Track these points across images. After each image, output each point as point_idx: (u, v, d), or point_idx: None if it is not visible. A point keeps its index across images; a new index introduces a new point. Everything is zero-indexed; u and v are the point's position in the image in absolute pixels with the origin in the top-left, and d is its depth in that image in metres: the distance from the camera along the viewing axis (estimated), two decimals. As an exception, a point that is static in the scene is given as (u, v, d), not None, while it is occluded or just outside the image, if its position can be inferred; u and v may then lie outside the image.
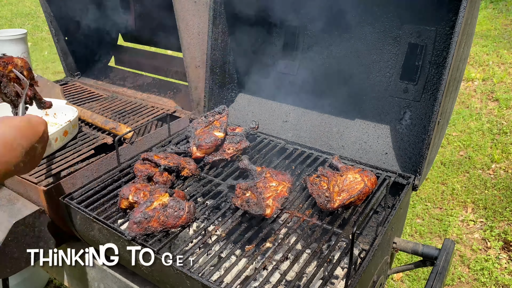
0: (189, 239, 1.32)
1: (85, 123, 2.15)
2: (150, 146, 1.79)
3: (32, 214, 1.56)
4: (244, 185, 1.42)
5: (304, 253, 1.38)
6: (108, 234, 1.34)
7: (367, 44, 1.75)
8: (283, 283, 1.34)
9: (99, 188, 1.53)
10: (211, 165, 1.68)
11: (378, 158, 1.70)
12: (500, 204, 3.20)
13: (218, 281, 1.11)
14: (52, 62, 6.36)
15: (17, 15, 8.42)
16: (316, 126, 1.90)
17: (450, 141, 3.99)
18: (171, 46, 2.67)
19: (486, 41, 5.72)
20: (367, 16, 1.71)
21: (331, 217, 1.38)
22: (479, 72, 5.02)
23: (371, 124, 1.78)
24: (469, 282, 2.64)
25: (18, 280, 2.41)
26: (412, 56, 1.65)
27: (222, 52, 1.98)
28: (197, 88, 2.08)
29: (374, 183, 1.43)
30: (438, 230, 3.04)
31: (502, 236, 2.92)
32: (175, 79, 2.61)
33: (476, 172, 3.57)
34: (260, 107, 2.09)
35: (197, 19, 1.96)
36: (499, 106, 4.39)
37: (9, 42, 2.22)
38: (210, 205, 1.47)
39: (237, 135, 1.76)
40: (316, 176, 1.49)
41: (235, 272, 1.21)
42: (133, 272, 1.48)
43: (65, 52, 2.69)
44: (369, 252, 1.20)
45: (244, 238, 1.28)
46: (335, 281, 1.38)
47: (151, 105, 2.38)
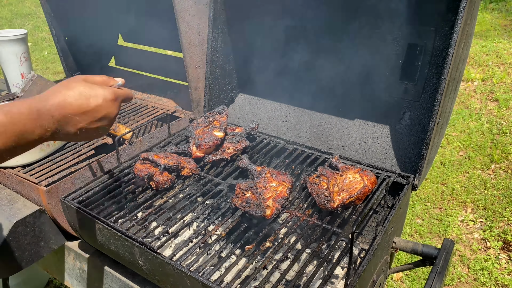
0: (189, 239, 1.32)
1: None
2: (150, 146, 1.79)
3: (33, 214, 1.57)
4: (244, 185, 1.42)
5: (304, 252, 1.38)
6: (108, 234, 1.34)
7: (366, 44, 1.75)
8: (283, 282, 1.34)
9: (99, 188, 1.53)
10: (211, 165, 1.69)
11: (378, 158, 1.70)
12: (499, 204, 3.20)
13: (218, 281, 1.11)
14: (52, 62, 6.37)
15: (17, 16, 8.42)
16: (316, 126, 1.90)
17: (449, 141, 3.99)
18: (171, 46, 2.68)
19: (485, 41, 5.72)
20: (367, 16, 1.71)
21: (330, 216, 1.38)
22: (478, 72, 5.03)
23: (371, 124, 1.79)
24: (469, 282, 2.65)
25: (18, 280, 2.41)
26: (412, 56, 1.65)
27: (222, 52, 1.98)
28: (197, 88, 2.08)
29: (373, 183, 1.43)
30: (438, 230, 3.04)
31: (502, 236, 2.92)
32: (175, 79, 2.61)
33: (475, 172, 3.57)
34: (260, 107, 2.09)
35: (197, 19, 1.96)
36: (498, 106, 4.40)
37: (9, 42, 2.22)
38: (210, 205, 1.47)
39: (237, 135, 1.76)
40: (316, 176, 1.49)
41: (235, 272, 1.21)
42: (133, 272, 1.48)
43: (65, 52, 2.69)
44: (369, 252, 1.20)
45: (244, 237, 1.28)
46: (335, 280, 1.39)
47: (151, 105, 2.38)
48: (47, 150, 1.79)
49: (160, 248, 1.23)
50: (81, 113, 0.92)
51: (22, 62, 2.31)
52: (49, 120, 0.88)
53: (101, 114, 0.95)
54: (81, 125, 0.93)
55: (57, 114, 0.89)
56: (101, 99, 0.94)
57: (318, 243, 1.28)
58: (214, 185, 1.56)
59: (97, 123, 0.96)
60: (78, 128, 0.93)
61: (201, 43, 2.01)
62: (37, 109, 0.86)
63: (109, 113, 0.97)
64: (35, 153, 1.73)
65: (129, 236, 1.27)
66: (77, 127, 0.93)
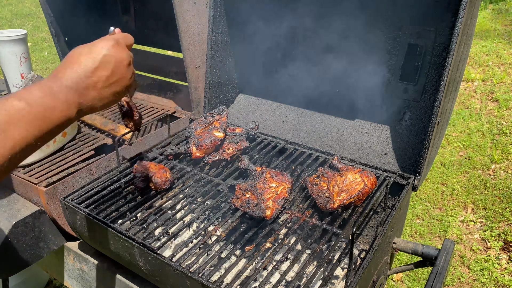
0: (189, 239, 1.32)
1: (85, 124, 2.15)
2: (150, 147, 1.79)
3: (32, 215, 1.56)
4: (244, 186, 1.42)
5: (304, 253, 1.38)
6: (108, 234, 1.34)
7: (367, 44, 1.75)
8: (283, 283, 1.34)
9: (99, 188, 1.53)
10: (211, 165, 1.68)
11: (378, 158, 1.70)
12: (500, 205, 3.20)
13: (218, 282, 1.11)
14: (52, 62, 6.36)
15: (17, 16, 8.42)
16: (316, 127, 1.90)
17: (450, 142, 3.99)
18: (171, 46, 2.68)
19: (485, 42, 5.72)
20: (367, 16, 1.71)
21: (331, 217, 1.38)
22: (478, 73, 5.03)
23: (371, 125, 1.79)
24: (469, 283, 2.64)
25: (18, 280, 2.40)
26: (412, 56, 1.65)
27: (222, 53, 1.98)
28: (197, 88, 2.08)
29: (374, 184, 1.43)
30: (438, 231, 3.04)
31: (502, 237, 2.92)
32: (175, 80, 2.61)
33: (476, 173, 3.57)
34: (260, 107, 2.09)
35: (197, 19, 1.96)
36: (498, 107, 4.40)
37: (9, 42, 2.22)
38: (210, 205, 1.47)
39: (237, 135, 1.76)
40: (316, 176, 1.49)
41: (235, 272, 1.21)
42: (133, 273, 1.48)
43: (65, 52, 2.68)
44: (369, 253, 1.20)
45: (244, 238, 1.28)
46: (335, 281, 1.38)
47: (151, 106, 2.38)
48: (47, 151, 1.79)
49: (160, 249, 1.23)
50: (92, 70, 0.86)
51: (22, 63, 2.31)
52: (65, 91, 0.82)
53: (112, 63, 0.89)
54: (100, 84, 0.87)
55: (69, 82, 0.83)
56: (103, 48, 0.89)
57: (318, 243, 1.28)
58: (214, 185, 1.56)
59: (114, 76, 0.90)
60: (99, 89, 0.87)
61: (201, 43, 2.01)
62: (48, 86, 0.81)
63: (120, 58, 0.91)
64: (35, 153, 1.73)
65: (128, 237, 1.27)
66: (97, 87, 0.87)
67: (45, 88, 0.80)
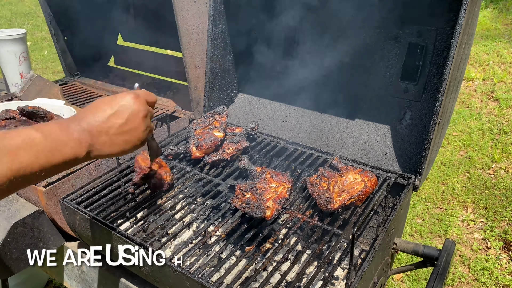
0: (189, 240, 1.31)
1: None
2: (150, 146, 1.78)
3: (31, 215, 1.56)
4: (244, 186, 1.41)
5: (304, 253, 1.37)
6: (107, 235, 1.33)
7: (367, 44, 1.74)
8: (283, 284, 1.33)
9: (98, 188, 1.52)
10: (210, 165, 1.68)
11: (379, 158, 1.69)
12: (500, 204, 3.19)
13: (218, 282, 1.10)
14: (52, 61, 6.36)
15: (17, 15, 8.42)
16: (316, 126, 1.89)
17: (450, 141, 3.99)
18: (171, 46, 2.67)
19: (486, 41, 5.71)
20: (367, 16, 1.70)
21: (331, 217, 1.37)
22: (479, 72, 5.02)
23: (371, 124, 1.78)
24: (470, 282, 2.64)
25: (17, 280, 2.40)
26: (413, 56, 1.64)
27: (222, 52, 1.98)
28: (196, 88, 2.07)
29: (374, 184, 1.43)
30: (439, 230, 3.04)
31: (503, 236, 2.92)
32: (175, 79, 2.60)
33: (476, 172, 3.56)
34: (260, 107, 2.08)
35: (197, 19, 1.95)
36: (499, 106, 4.39)
37: (9, 42, 2.21)
38: (210, 206, 1.46)
39: (236, 135, 1.75)
40: (316, 176, 1.48)
41: (235, 273, 1.21)
42: (132, 273, 1.48)
43: (64, 52, 2.68)
44: (370, 253, 1.19)
45: (244, 239, 1.28)
46: (335, 282, 1.38)
47: (150, 105, 2.37)
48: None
49: (159, 249, 1.23)
50: (108, 116, 0.90)
51: (21, 62, 2.30)
52: (80, 131, 0.86)
53: (128, 112, 0.93)
54: (113, 131, 0.91)
55: (86, 125, 0.88)
56: (123, 99, 0.94)
57: (318, 244, 1.27)
58: (214, 185, 1.56)
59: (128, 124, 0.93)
60: (111, 135, 0.91)
61: (201, 43, 2.00)
62: (67, 124, 0.85)
63: (136, 110, 0.95)
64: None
65: (128, 237, 1.26)
66: (110, 133, 0.90)
67: (64, 126, 0.85)
